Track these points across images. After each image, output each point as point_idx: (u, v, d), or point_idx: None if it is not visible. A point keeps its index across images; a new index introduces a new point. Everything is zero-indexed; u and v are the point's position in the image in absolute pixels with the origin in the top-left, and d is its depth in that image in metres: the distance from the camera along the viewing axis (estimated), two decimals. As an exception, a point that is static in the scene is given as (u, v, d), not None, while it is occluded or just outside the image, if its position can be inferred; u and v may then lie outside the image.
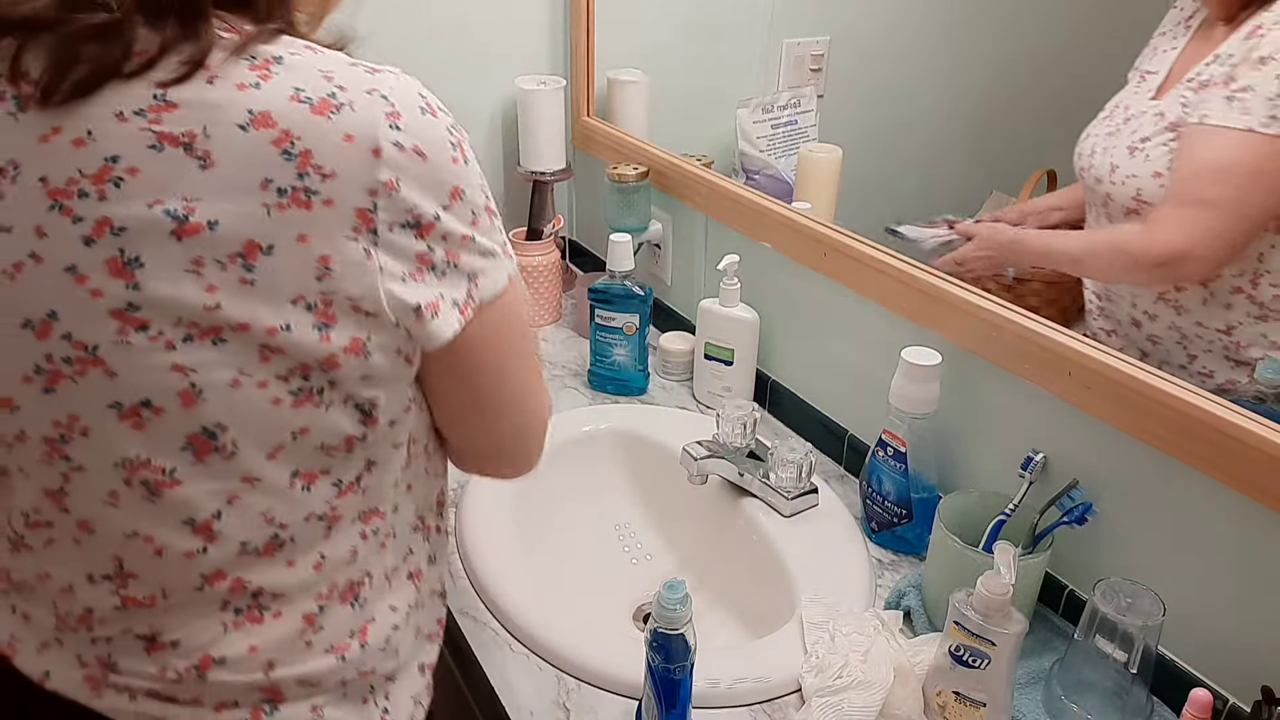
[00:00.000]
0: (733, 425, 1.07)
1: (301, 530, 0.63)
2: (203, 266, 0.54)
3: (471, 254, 0.61)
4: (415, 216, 0.58)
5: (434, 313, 0.60)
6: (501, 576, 0.97)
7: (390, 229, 0.57)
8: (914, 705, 0.81)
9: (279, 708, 0.66)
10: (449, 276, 0.60)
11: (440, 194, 0.59)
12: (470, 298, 0.62)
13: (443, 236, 0.59)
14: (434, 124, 0.59)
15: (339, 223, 0.55)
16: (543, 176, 1.57)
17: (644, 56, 1.55)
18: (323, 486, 0.63)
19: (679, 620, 0.72)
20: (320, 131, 0.55)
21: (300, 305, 0.56)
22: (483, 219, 0.62)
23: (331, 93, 0.56)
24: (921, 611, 0.92)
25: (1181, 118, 0.86)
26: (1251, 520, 0.76)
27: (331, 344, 0.58)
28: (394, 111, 0.57)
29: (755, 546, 1.04)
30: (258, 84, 0.55)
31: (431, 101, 0.60)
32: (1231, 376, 0.88)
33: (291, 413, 0.59)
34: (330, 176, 0.55)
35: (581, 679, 0.87)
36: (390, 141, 0.56)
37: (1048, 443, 0.91)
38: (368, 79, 0.58)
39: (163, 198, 0.54)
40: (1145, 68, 0.96)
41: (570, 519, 1.16)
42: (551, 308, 1.54)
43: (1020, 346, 0.90)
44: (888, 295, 1.04)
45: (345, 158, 0.55)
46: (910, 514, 1.00)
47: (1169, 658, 0.83)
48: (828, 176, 1.29)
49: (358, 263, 0.56)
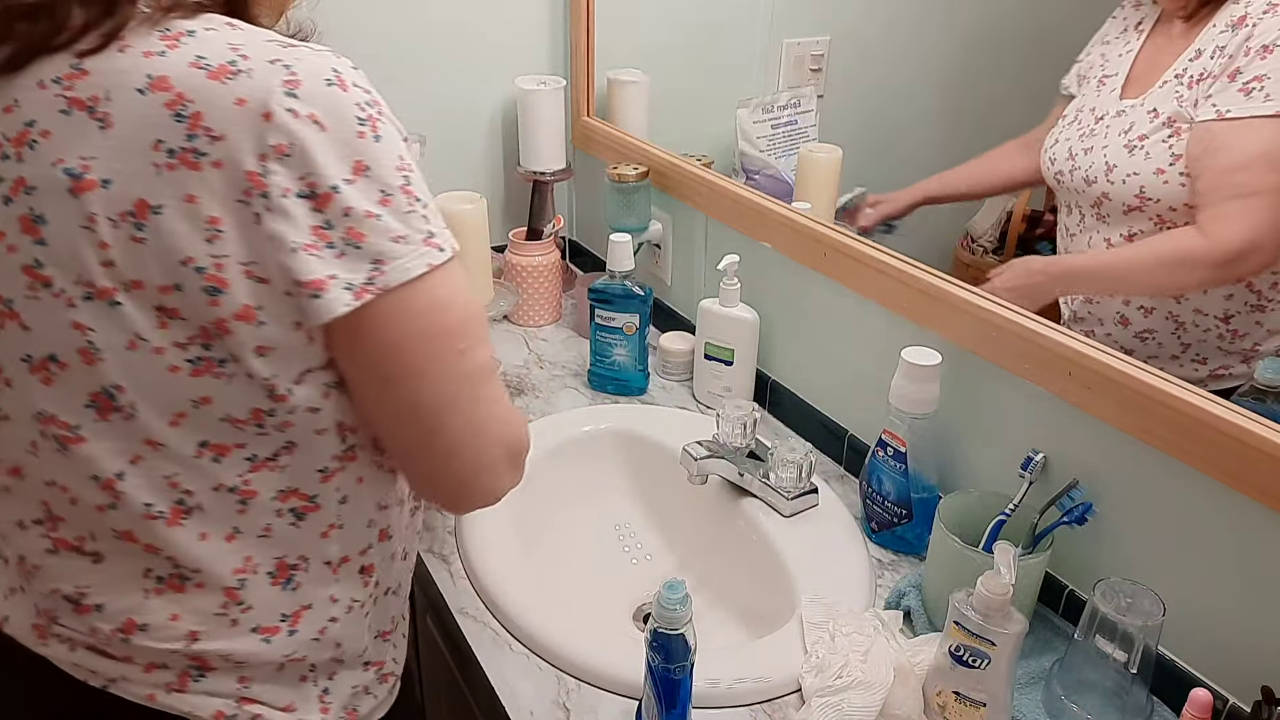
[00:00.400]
0: (733, 425, 1.07)
1: (211, 500, 0.64)
2: (96, 224, 0.57)
3: (379, 235, 0.59)
4: (310, 185, 0.57)
5: (317, 290, 0.58)
6: (501, 576, 0.97)
7: (284, 195, 0.56)
8: (914, 705, 0.81)
9: (205, 676, 0.68)
10: (348, 256, 0.58)
11: (341, 166, 0.57)
12: (371, 281, 0.59)
13: (343, 211, 0.58)
14: (340, 95, 0.58)
15: (229, 185, 0.56)
16: (543, 176, 1.57)
17: (644, 56, 1.55)
18: (235, 460, 0.64)
19: (679, 620, 0.72)
20: (213, 95, 0.56)
21: (190, 267, 0.57)
22: (397, 200, 0.60)
23: (232, 60, 0.57)
24: (921, 611, 0.91)
25: (1178, 113, 0.86)
26: (1251, 520, 0.76)
27: (221, 309, 0.58)
28: (293, 79, 0.57)
29: (755, 546, 1.04)
30: (164, 52, 0.57)
31: (346, 77, 0.59)
32: (1224, 363, 0.89)
33: (190, 381, 0.60)
34: (220, 139, 0.55)
35: (581, 679, 0.87)
36: (283, 107, 0.56)
37: (1048, 443, 0.91)
38: (276, 51, 0.58)
39: (64, 157, 0.57)
40: (1103, 73, 0.98)
41: (570, 519, 1.16)
42: (551, 308, 1.54)
43: (1020, 346, 0.90)
44: (888, 295, 1.04)
45: (235, 121, 0.55)
46: (910, 514, 1.00)
47: (1169, 658, 0.83)
48: (828, 176, 1.28)
49: (249, 227, 0.57)
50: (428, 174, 0.65)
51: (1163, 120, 0.88)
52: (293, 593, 0.69)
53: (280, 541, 0.67)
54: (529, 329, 1.53)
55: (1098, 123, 0.96)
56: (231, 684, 0.68)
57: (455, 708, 1.10)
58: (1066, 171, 0.98)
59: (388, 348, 0.62)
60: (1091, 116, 0.98)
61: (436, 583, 0.99)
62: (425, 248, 0.61)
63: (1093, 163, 0.95)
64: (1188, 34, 0.89)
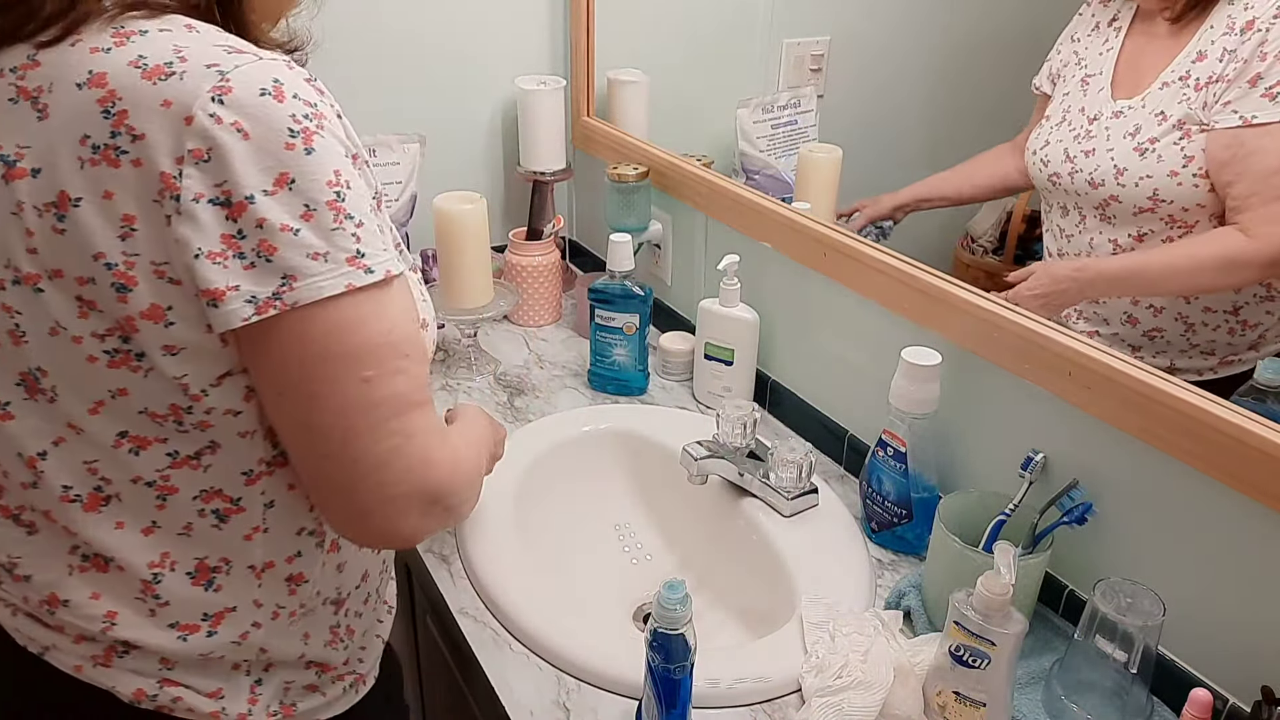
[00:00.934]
0: (733, 425, 1.07)
1: (129, 492, 0.65)
2: (23, 211, 0.58)
3: (294, 250, 0.57)
4: (225, 193, 0.56)
5: (215, 299, 0.57)
6: (501, 576, 0.97)
7: (195, 200, 0.56)
8: (914, 705, 0.81)
9: (129, 654, 0.68)
10: (257, 268, 0.57)
11: (262, 177, 0.56)
12: (277, 296, 0.57)
13: (257, 222, 0.56)
14: (272, 106, 0.57)
15: (144, 185, 0.56)
16: (543, 176, 1.57)
17: (644, 56, 1.55)
18: (155, 454, 0.64)
19: (679, 620, 0.72)
20: (142, 95, 0.56)
21: (101, 262, 0.58)
22: (321, 215, 0.58)
23: (170, 62, 0.57)
24: (921, 611, 0.92)
25: (1188, 116, 0.87)
26: (1251, 520, 0.76)
27: (129, 306, 0.59)
28: (224, 86, 0.56)
29: (755, 546, 1.04)
30: (109, 49, 0.58)
31: (286, 88, 0.58)
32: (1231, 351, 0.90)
33: (108, 372, 0.61)
34: (140, 138, 0.56)
35: (581, 679, 0.87)
36: (206, 112, 0.56)
37: (1048, 443, 0.91)
38: (218, 56, 0.58)
39: (4, 144, 0.59)
40: (1084, 72, 0.98)
41: (570, 519, 1.16)
42: (551, 308, 1.54)
43: (1020, 346, 0.90)
44: (888, 295, 1.04)
45: (157, 122, 0.56)
46: (910, 514, 1.00)
47: (1169, 658, 0.83)
48: (828, 176, 1.28)
49: (160, 228, 0.57)
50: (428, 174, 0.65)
51: (1172, 123, 0.88)
52: (215, 594, 0.69)
53: (201, 541, 0.68)
54: (529, 329, 1.53)
55: (1092, 124, 0.96)
56: (154, 664, 0.69)
57: (455, 708, 1.10)
58: (1064, 174, 0.98)
59: (287, 364, 0.60)
60: (1083, 117, 0.98)
61: (436, 583, 0.99)
62: (348, 268, 0.59)
63: (1098, 165, 0.95)
64: (1178, 35, 0.90)
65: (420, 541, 0.71)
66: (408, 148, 1.50)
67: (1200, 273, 0.91)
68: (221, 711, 0.71)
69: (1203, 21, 0.88)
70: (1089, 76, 0.98)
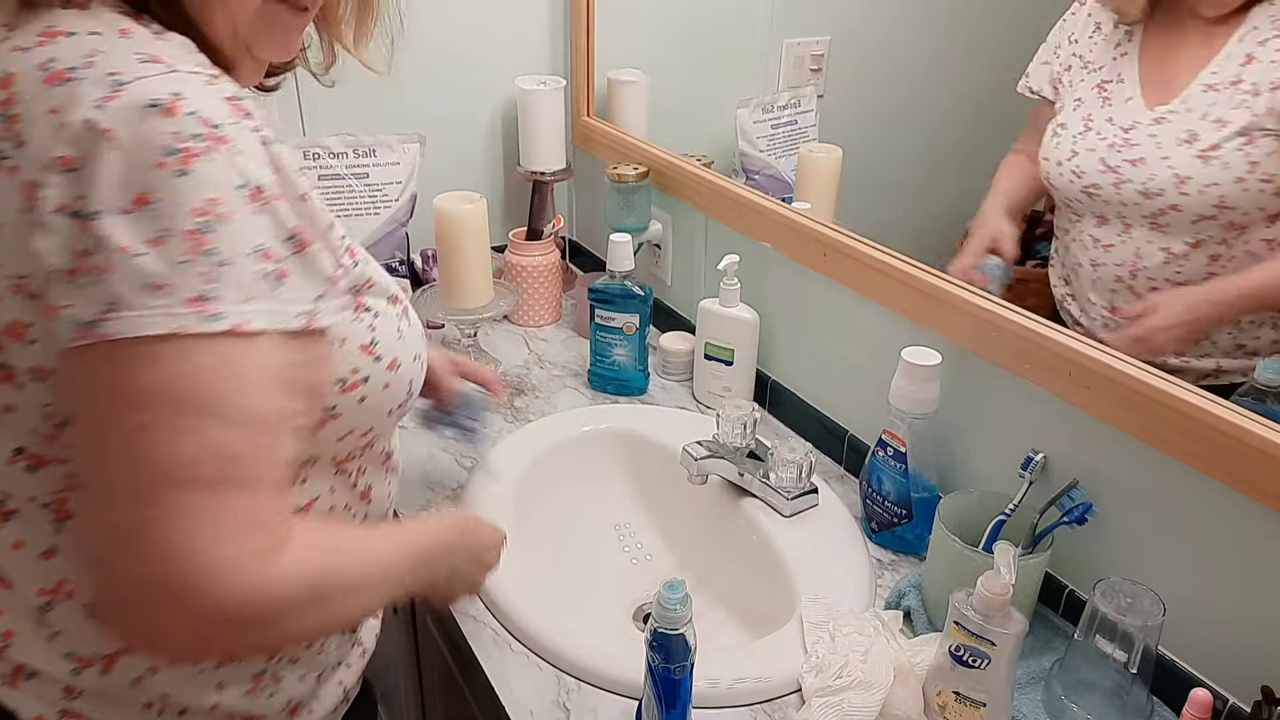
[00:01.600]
0: (733, 425, 1.07)
1: (28, 510, 0.61)
2: None
3: (129, 276, 0.51)
4: (81, 205, 0.51)
5: (51, 315, 0.52)
6: (501, 576, 0.96)
7: (56, 211, 0.52)
8: (914, 705, 0.81)
9: (35, 677, 0.64)
10: (87, 289, 0.51)
11: (121, 193, 0.51)
12: (95, 324, 0.51)
13: (98, 239, 0.51)
14: (157, 120, 0.52)
15: (15, 194, 0.53)
16: (543, 176, 1.57)
17: (644, 56, 1.55)
18: (52, 474, 0.60)
19: (679, 620, 0.72)
20: (37, 100, 0.53)
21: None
22: (173, 245, 0.52)
23: (74, 67, 0.53)
24: (921, 611, 0.92)
25: (1252, 122, 0.85)
26: (1251, 520, 0.76)
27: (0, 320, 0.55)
28: (111, 95, 0.52)
29: (755, 546, 1.04)
30: (29, 49, 0.55)
31: (184, 104, 0.52)
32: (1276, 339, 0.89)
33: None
34: (22, 145, 0.53)
35: (581, 679, 0.87)
36: (82, 119, 0.51)
37: (1048, 443, 0.91)
38: (128, 65, 0.53)
39: None
40: (1098, 78, 0.96)
41: (570, 519, 1.16)
42: (551, 308, 1.54)
43: (1020, 346, 0.90)
44: (888, 295, 1.04)
45: (40, 129, 0.52)
46: (910, 514, 1.00)
47: (1169, 658, 0.83)
48: (828, 176, 1.29)
49: (23, 239, 0.53)
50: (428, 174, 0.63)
51: (1234, 129, 0.86)
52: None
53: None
54: (529, 329, 1.53)
55: (1129, 132, 0.93)
56: (57, 693, 0.64)
57: (455, 708, 1.10)
58: (1106, 185, 0.96)
59: (81, 396, 0.54)
60: (1114, 126, 0.95)
61: (436, 583, 0.99)
62: (183, 309, 0.52)
63: (1153, 175, 0.92)
64: (1211, 36, 0.87)
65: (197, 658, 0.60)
66: (408, 148, 1.50)
67: None
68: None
69: (1239, 21, 0.85)
70: (1106, 83, 0.96)
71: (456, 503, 1.10)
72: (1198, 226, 0.90)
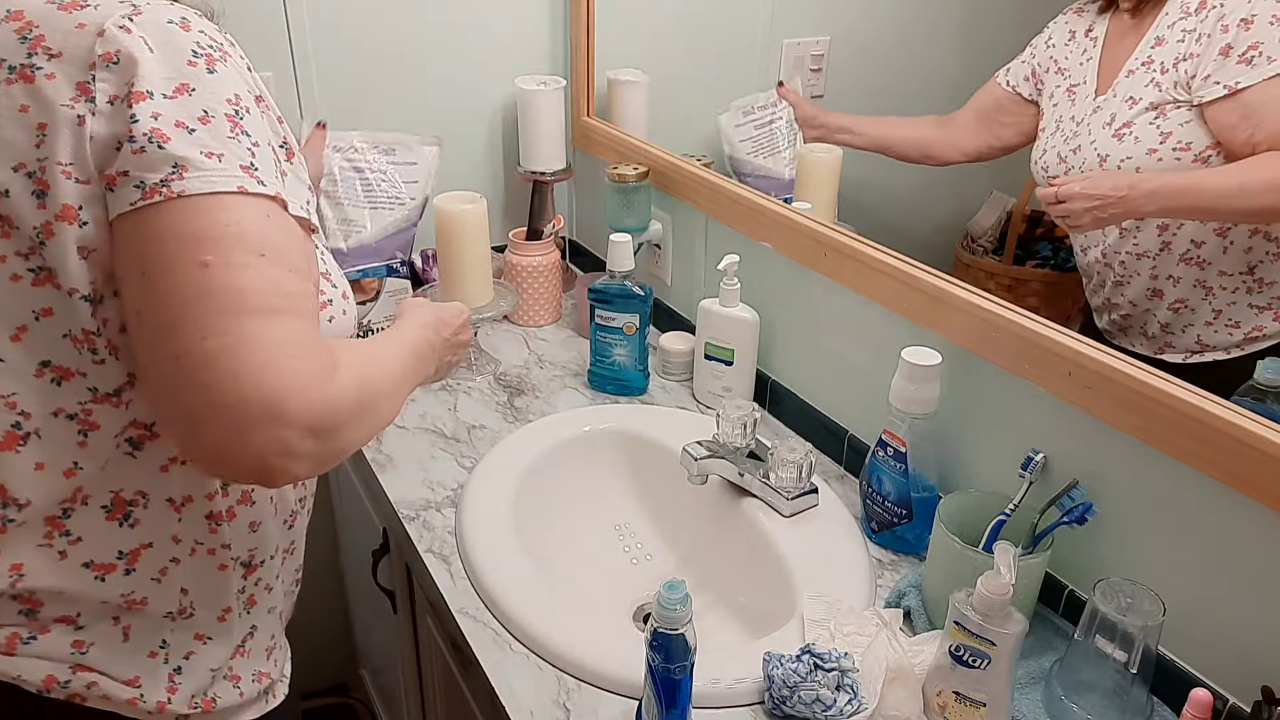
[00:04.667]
0: (733, 425, 1.07)
1: (51, 426, 0.65)
2: None
3: (189, 145, 0.59)
4: (129, 85, 0.60)
5: (111, 184, 0.60)
6: (502, 576, 0.97)
7: (111, 101, 0.60)
8: (914, 705, 0.81)
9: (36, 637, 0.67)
10: (147, 153, 0.59)
11: (164, 82, 0.60)
12: (165, 184, 0.58)
13: (153, 114, 0.59)
14: (178, 33, 0.62)
15: (58, 93, 0.60)
16: (543, 176, 1.57)
17: (644, 56, 1.55)
18: (76, 387, 0.64)
19: (679, 620, 0.72)
20: (57, 20, 0.61)
21: (21, 172, 0.61)
22: (218, 124, 0.61)
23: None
24: (921, 611, 0.92)
25: (1160, 98, 0.92)
26: (1251, 520, 0.76)
27: (46, 210, 0.61)
28: (135, 11, 0.62)
29: (755, 546, 1.04)
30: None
31: (192, 24, 0.63)
32: (1257, 323, 0.91)
33: (32, 291, 0.62)
34: (56, 56, 0.61)
35: (581, 679, 0.87)
36: (117, 25, 0.61)
37: (1048, 443, 0.91)
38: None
39: None
40: (1068, 83, 1.04)
41: (570, 519, 1.16)
42: (551, 308, 1.54)
43: (1020, 346, 0.90)
44: (888, 295, 1.04)
45: (72, 40, 0.61)
46: (910, 514, 1.00)
47: (1169, 658, 0.83)
48: (828, 176, 1.29)
49: (71, 128, 0.60)
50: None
51: (1144, 106, 0.93)
52: (131, 529, 0.68)
53: (117, 474, 0.67)
54: (529, 329, 1.53)
55: (1078, 125, 1.01)
56: (65, 647, 0.67)
57: (455, 708, 1.11)
58: (1061, 175, 1.02)
59: (155, 247, 0.59)
60: (1073, 124, 1.02)
61: (437, 583, 0.99)
62: (241, 173, 0.61)
63: (1084, 159, 0.99)
64: (1139, 26, 0.95)
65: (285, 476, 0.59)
66: (427, 150, 1.49)
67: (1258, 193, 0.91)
68: (139, 698, 0.70)
69: (1159, 10, 0.94)
70: (1074, 87, 1.03)
71: (456, 501, 1.10)
72: None
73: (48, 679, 0.67)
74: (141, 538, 0.69)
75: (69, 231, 0.61)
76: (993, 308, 0.93)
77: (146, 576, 0.69)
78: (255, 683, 0.79)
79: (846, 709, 0.80)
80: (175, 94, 0.60)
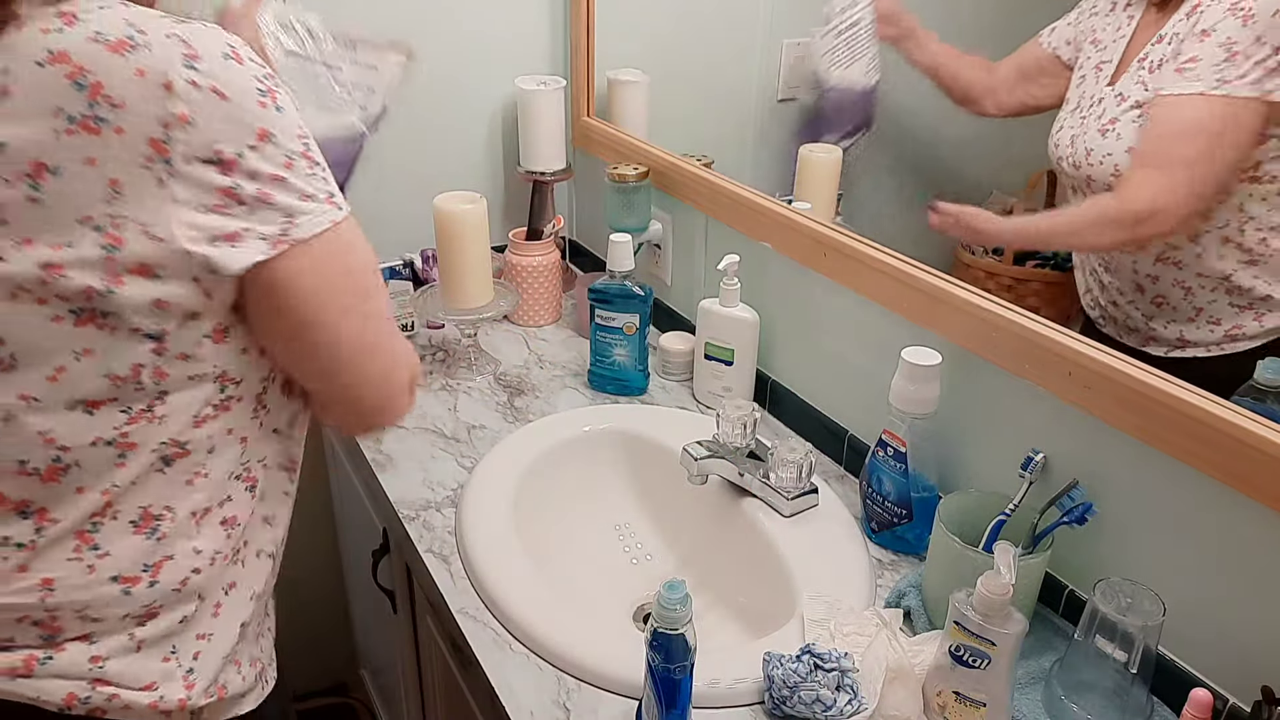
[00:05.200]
0: (733, 425, 1.07)
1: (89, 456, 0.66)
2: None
3: (288, 194, 0.65)
4: (216, 152, 0.61)
5: (232, 242, 0.63)
6: (502, 576, 0.97)
7: (188, 161, 0.61)
8: (914, 705, 0.81)
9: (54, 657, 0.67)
10: (259, 212, 0.64)
11: (245, 134, 0.62)
12: (285, 234, 0.65)
13: (250, 174, 0.63)
14: (238, 69, 0.63)
15: (130, 149, 0.60)
16: (543, 176, 1.57)
17: (644, 56, 1.55)
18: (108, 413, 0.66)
19: (679, 620, 0.72)
20: (113, 66, 0.59)
21: (88, 225, 0.60)
22: (299, 164, 0.66)
23: (130, 35, 0.60)
24: (921, 611, 0.92)
25: (1144, 97, 0.92)
26: (1251, 520, 0.76)
27: (116, 264, 0.61)
28: (192, 53, 0.61)
29: (755, 546, 1.04)
30: (61, 29, 0.60)
31: (242, 52, 0.64)
32: (1237, 322, 0.91)
33: (74, 331, 0.63)
34: (120, 106, 0.59)
35: (581, 679, 0.87)
36: (184, 79, 0.60)
37: (1048, 443, 0.91)
38: (171, 27, 0.62)
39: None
40: (1099, 58, 1.02)
41: (570, 519, 1.16)
42: (551, 308, 1.54)
43: (1020, 346, 0.90)
44: (888, 295, 1.04)
45: (135, 90, 0.59)
46: (910, 514, 1.00)
47: (1169, 658, 0.83)
48: (828, 176, 1.28)
49: (150, 190, 0.60)
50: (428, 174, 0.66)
51: (1130, 104, 0.93)
52: (157, 542, 0.70)
53: (146, 489, 0.68)
54: (529, 329, 1.53)
55: (1090, 109, 1.01)
56: (83, 663, 0.68)
57: (455, 708, 1.11)
58: (1066, 157, 1.02)
59: (298, 289, 0.68)
60: (1089, 102, 1.02)
61: (437, 583, 0.99)
62: (328, 206, 0.68)
63: (1076, 150, 0.99)
64: (1158, 21, 0.94)
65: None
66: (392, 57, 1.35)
67: (1082, 231, 1.00)
68: (160, 700, 0.71)
69: (1179, 7, 0.92)
70: (1103, 63, 1.01)
71: (456, 501, 1.10)
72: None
73: (68, 697, 0.68)
74: (165, 550, 0.70)
75: (141, 285, 0.62)
76: (993, 308, 0.93)
77: (169, 588, 0.70)
78: (251, 668, 0.80)
79: (846, 709, 0.80)
80: (258, 142, 0.63)
